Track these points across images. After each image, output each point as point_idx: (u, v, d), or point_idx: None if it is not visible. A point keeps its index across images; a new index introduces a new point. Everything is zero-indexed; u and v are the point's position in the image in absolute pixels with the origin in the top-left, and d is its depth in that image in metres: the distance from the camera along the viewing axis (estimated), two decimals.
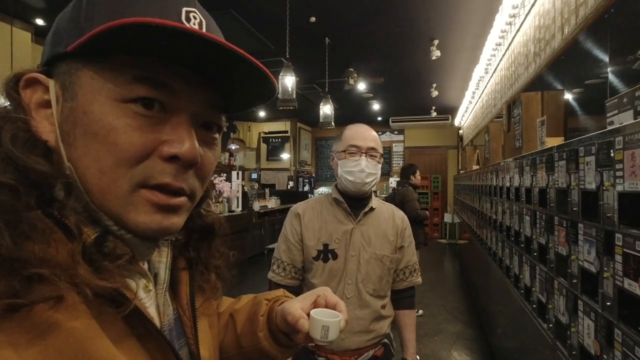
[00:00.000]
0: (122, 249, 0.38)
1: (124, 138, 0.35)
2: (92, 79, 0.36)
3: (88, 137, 0.35)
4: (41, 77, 0.38)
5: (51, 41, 0.39)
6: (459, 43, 4.24)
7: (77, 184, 0.36)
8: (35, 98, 0.38)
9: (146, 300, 0.41)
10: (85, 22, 0.36)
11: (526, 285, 1.91)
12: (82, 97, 0.36)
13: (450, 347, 3.22)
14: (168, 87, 0.37)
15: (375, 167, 1.24)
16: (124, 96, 0.35)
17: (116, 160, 0.35)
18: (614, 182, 1.00)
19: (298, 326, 0.51)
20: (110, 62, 0.35)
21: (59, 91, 0.38)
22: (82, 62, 0.36)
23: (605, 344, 1.05)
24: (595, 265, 1.11)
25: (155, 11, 0.36)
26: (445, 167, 9.08)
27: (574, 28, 1.84)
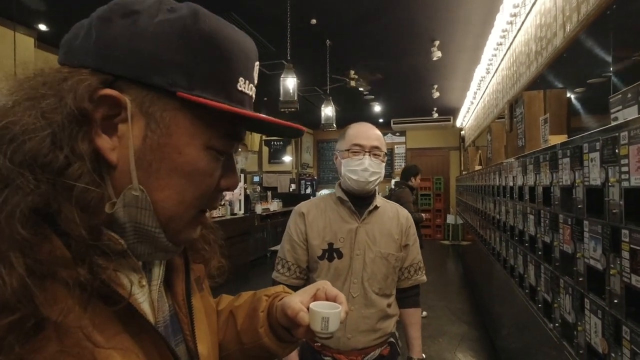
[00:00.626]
0: (115, 242, 0.38)
1: (207, 180, 0.42)
2: (191, 125, 0.40)
3: (177, 173, 0.40)
4: (120, 97, 0.37)
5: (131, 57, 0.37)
6: (460, 43, 4.24)
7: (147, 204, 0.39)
8: (102, 112, 0.37)
9: (139, 295, 0.42)
10: (193, 66, 0.38)
11: (531, 284, 1.90)
12: (178, 137, 0.39)
13: (454, 348, 3.20)
14: (241, 140, 0.46)
15: (379, 166, 1.23)
16: (213, 146, 0.41)
17: (197, 196, 0.42)
18: (620, 178, 0.99)
19: (298, 319, 0.51)
20: (208, 114, 0.40)
21: (137, 115, 0.38)
22: (182, 105, 0.39)
23: (613, 342, 1.04)
24: (602, 262, 1.10)
25: (244, 69, 0.43)
26: (448, 168, 9.06)
27: (575, 26, 1.83)
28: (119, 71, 0.37)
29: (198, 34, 0.38)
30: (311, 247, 1.23)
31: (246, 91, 0.43)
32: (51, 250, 0.33)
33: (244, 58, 0.43)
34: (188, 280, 0.49)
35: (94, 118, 0.37)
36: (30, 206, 0.32)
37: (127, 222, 0.38)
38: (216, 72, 0.40)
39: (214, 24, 0.40)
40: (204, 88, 0.39)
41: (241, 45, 0.43)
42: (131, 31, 0.37)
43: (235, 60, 0.41)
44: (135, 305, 0.37)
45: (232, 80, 0.41)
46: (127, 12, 0.38)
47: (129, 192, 0.38)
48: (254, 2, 3.40)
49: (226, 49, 0.40)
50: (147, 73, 0.37)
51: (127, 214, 0.38)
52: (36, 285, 0.31)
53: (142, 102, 0.38)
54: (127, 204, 0.38)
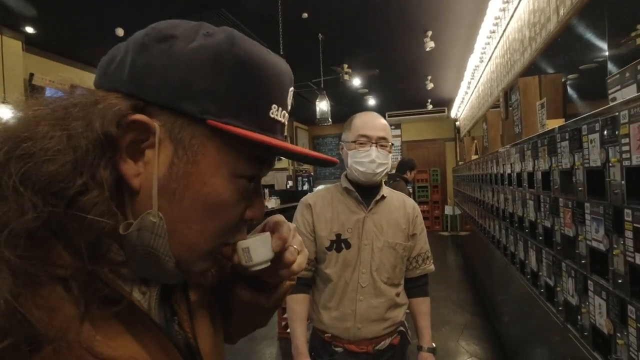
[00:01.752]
0: (115, 251, 0.37)
1: (231, 211, 0.40)
2: (218, 152, 0.38)
3: (200, 204, 0.38)
4: (150, 123, 0.36)
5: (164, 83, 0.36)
6: (452, 33, 4.22)
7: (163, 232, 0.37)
8: (131, 138, 0.36)
9: (142, 301, 0.41)
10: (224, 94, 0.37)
11: (532, 270, 1.90)
12: (205, 166, 0.38)
13: (458, 337, 3.22)
14: (271, 165, 0.43)
15: (386, 157, 1.22)
16: (241, 173, 0.40)
17: (218, 228, 0.40)
18: (621, 158, 0.99)
19: (233, 261, 0.45)
20: (237, 142, 0.38)
21: (166, 141, 0.37)
22: (211, 133, 0.37)
23: (618, 322, 1.04)
24: (605, 243, 1.10)
25: (278, 96, 0.41)
26: (444, 160, 9.07)
27: (569, 9, 1.82)
28: (151, 97, 0.37)
29: (232, 60, 0.37)
30: (319, 238, 1.23)
31: (279, 118, 0.41)
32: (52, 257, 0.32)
33: (278, 84, 0.41)
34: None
35: (121, 144, 0.36)
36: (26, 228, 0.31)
37: (139, 245, 0.37)
38: (248, 100, 0.38)
39: (249, 49, 0.39)
40: (235, 116, 0.37)
41: (276, 71, 0.41)
42: (166, 57, 0.37)
43: (268, 87, 0.40)
44: (136, 303, 0.37)
45: (264, 108, 0.40)
46: (164, 36, 0.38)
47: (147, 217, 0.36)
48: None
49: (260, 75, 0.39)
50: (178, 99, 0.36)
51: (140, 238, 0.37)
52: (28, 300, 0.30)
53: (171, 129, 0.37)
54: (142, 227, 0.37)
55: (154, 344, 0.38)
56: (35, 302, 0.30)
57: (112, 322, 0.35)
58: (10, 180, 0.31)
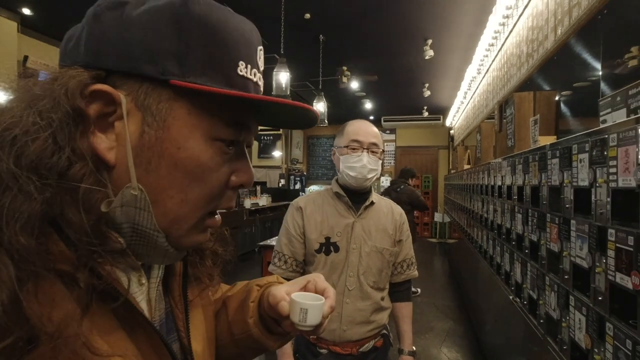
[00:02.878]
0: (114, 239, 0.37)
1: (213, 176, 0.39)
2: (189, 114, 0.37)
3: (178, 170, 0.37)
4: (113, 92, 0.35)
5: (120, 49, 0.36)
6: (452, 43, 4.27)
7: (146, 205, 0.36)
8: (97, 110, 0.36)
9: (138, 294, 0.41)
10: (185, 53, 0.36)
11: (517, 282, 1.94)
12: (176, 130, 0.37)
13: (440, 344, 3.26)
14: (250, 130, 0.42)
15: (377, 163, 1.25)
16: (217, 136, 0.38)
17: (202, 195, 0.39)
18: (608, 179, 1.02)
19: (278, 308, 0.49)
20: (208, 103, 0.37)
21: (133, 110, 0.36)
22: (177, 94, 0.36)
23: (596, 337, 1.07)
24: (588, 260, 1.13)
25: (244, 53, 0.40)
26: (436, 167, 9.16)
27: (567, 29, 1.87)
28: (110, 65, 0.36)
29: (188, 18, 0.36)
30: (308, 240, 1.25)
31: (249, 76, 0.40)
32: (52, 250, 0.32)
33: (244, 42, 0.40)
34: (185, 276, 0.48)
35: (89, 116, 0.35)
36: (36, 212, 0.31)
37: (125, 222, 0.36)
38: (211, 57, 0.37)
39: (205, 7, 0.37)
40: (199, 74, 0.36)
41: (239, 28, 0.39)
42: (119, 23, 0.36)
43: (232, 44, 0.38)
44: (132, 302, 0.37)
45: (230, 65, 0.38)
46: (115, 3, 0.37)
47: (127, 191, 0.36)
48: None
49: (221, 32, 0.38)
50: (138, 63, 0.35)
51: (125, 214, 0.36)
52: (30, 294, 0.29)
53: (137, 96, 0.36)
54: (125, 203, 0.36)
55: (146, 341, 0.39)
56: (36, 296, 0.30)
57: (107, 317, 0.35)
58: (4, 166, 0.31)
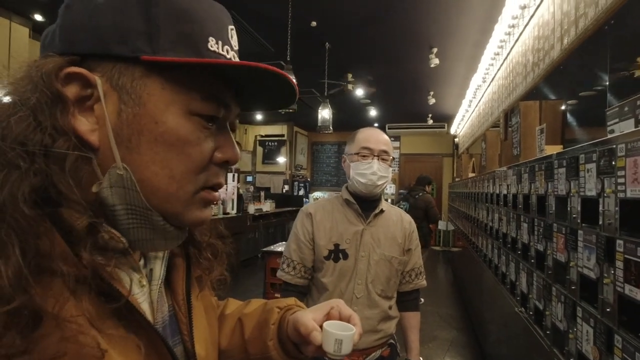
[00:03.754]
0: (117, 239, 0.37)
1: (196, 150, 0.39)
2: (162, 89, 0.38)
3: (159, 145, 0.38)
4: (86, 74, 0.36)
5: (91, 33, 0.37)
6: (457, 51, 4.29)
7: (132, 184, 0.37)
8: (74, 93, 0.36)
9: (139, 295, 0.41)
10: (154, 31, 0.37)
11: (522, 292, 1.92)
12: (152, 106, 0.37)
13: (444, 353, 3.22)
14: (227, 105, 0.42)
15: (387, 170, 1.26)
16: (195, 110, 0.39)
17: (187, 169, 0.39)
18: (616, 189, 1.01)
19: (311, 338, 0.50)
20: (182, 77, 0.38)
21: (109, 91, 0.37)
22: (149, 70, 0.37)
23: (605, 350, 1.05)
24: (595, 271, 1.12)
25: (214, 30, 0.40)
26: (441, 175, 9.13)
27: (573, 39, 1.87)
28: (83, 49, 0.37)
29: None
30: (317, 247, 1.25)
31: (221, 52, 0.40)
32: (51, 244, 0.32)
33: (213, 19, 0.41)
34: (189, 279, 0.49)
35: (67, 99, 0.36)
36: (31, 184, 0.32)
37: (118, 204, 0.37)
38: (180, 34, 0.38)
39: None
40: (168, 50, 0.37)
41: (206, 8, 0.40)
42: (88, 9, 0.37)
43: (200, 21, 0.39)
44: (134, 304, 0.37)
45: (200, 41, 0.39)
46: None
47: (113, 171, 0.37)
48: (254, 3, 3.40)
49: (188, 10, 0.38)
50: (109, 45, 0.37)
51: (117, 195, 0.37)
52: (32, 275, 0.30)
53: (111, 77, 0.37)
54: (113, 184, 0.37)
55: (148, 344, 0.38)
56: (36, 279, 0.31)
57: (109, 319, 0.35)
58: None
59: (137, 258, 0.43)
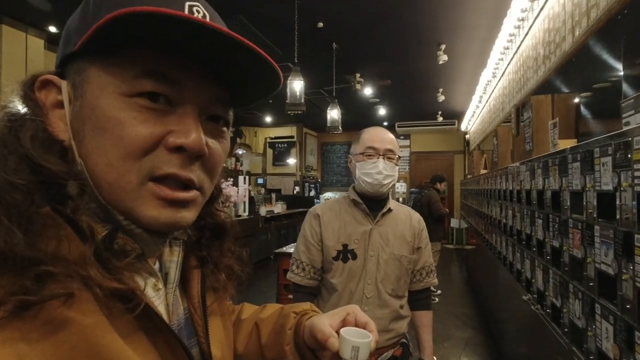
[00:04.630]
0: (131, 245, 0.38)
1: (129, 131, 0.35)
2: (98, 76, 0.36)
3: (96, 132, 0.36)
4: (54, 79, 0.39)
5: (62, 43, 0.41)
6: (466, 47, 4.24)
7: (87, 181, 0.36)
8: (50, 99, 0.39)
9: (155, 298, 0.41)
10: (92, 19, 0.36)
11: (539, 289, 1.89)
12: (89, 93, 0.37)
13: (460, 353, 3.19)
14: (174, 81, 0.37)
15: (393, 169, 1.26)
16: (130, 91, 0.36)
17: (123, 154, 0.36)
18: (633, 183, 0.99)
19: (328, 344, 0.50)
20: (116, 58, 0.36)
21: (70, 91, 0.39)
22: (90, 60, 0.37)
23: (625, 347, 1.03)
24: (614, 267, 1.10)
25: (159, 4, 0.34)
26: (452, 172, 9.03)
27: (585, 30, 1.83)
28: (59, 59, 0.40)
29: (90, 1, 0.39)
30: (326, 248, 1.25)
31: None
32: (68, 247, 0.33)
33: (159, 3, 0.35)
34: (203, 282, 0.49)
35: (43, 103, 0.38)
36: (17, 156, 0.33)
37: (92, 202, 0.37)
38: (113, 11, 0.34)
39: None
40: None
41: None
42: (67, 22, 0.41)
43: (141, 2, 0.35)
44: (151, 306, 0.37)
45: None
46: None
47: (74, 168, 0.37)
48: (261, 5, 3.43)
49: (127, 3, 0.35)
50: (64, 50, 0.39)
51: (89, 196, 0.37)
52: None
53: (72, 78, 0.38)
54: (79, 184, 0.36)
55: (165, 346, 0.39)
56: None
57: (127, 322, 0.36)
58: None
59: (153, 262, 0.43)
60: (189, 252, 0.49)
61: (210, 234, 0.51)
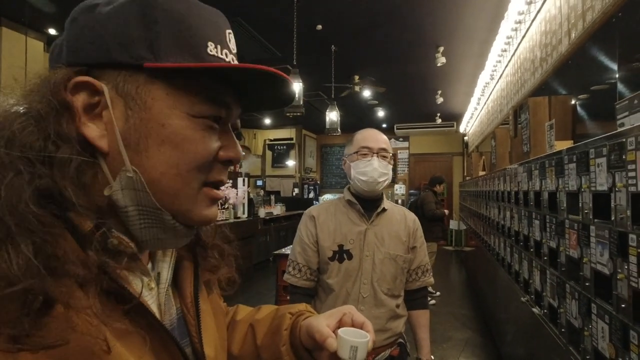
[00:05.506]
0: (126, 244, 0.38)
1: (201, 148, 0.41)
2: (167, 95, 0.39)
3: (165, 146, 0.39)
4: (95, 83, 0.38)
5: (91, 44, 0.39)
6: (464, 49, 4.27)
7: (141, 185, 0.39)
8: (81, 101, 0.38)
9: (148, 298, 0.42)
10: (154, 39, 0.38)
11: (536, 290, 1.90)
12: (157, 110, 0.39)
13: (459, 354, 3.19)
14: (229, 106, 0.44)
15: (387, 167, 1.27)
16: (199, 113, 0.41)
17: (193, 166, 0.41)
18: (627, 183, 1.00)
19: (326, 345, 0.51)
20: (184, 83, 0.40)
21: (116, 98, 0.39)
22: (153, 77, 0.39)
23: (621, 346, 1.04)
24: (609, 267, 1.11)
25: (212, 34, 0.42)
26: (451, 174, 9.04)
27: (581, 33, 1.85)
28: (89, 59, 0.39)
29: (153, 7, 0.39)
30: (322, 248, 1.26)
31: (220, 56, 0.42)
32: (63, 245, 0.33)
33: (210, 25, 0.42)
34: (197, 282, 0.49)
35: (76, 107, 0.37)
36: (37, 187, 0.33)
37: (129, 205, 0.39)
38: (179, 40, 0.39)
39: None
40: (170, 56, 0.39)
41: (203, 13, 0.42)
42: (92, 21, 0.39)
43: (198, 27, 0.41)
44: (145, 305, 0.38)
45: (199, 46, 0.40)
46: (88, 7, 0.40)
47: (123, 174, 0.38)
48: (260, 7, 3.44)
49: (186, 16, 0.40)
50: (113, 54, 0.38)
51: (128, 197, 0.38)
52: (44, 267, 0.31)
53: (117, 84, 0.38)
54: (124, 186, 0.38)
55: (159, 345, 0.39)
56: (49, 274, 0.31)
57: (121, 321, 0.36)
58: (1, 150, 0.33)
59: (146, 262, 0.44)
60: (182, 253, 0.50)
61: None
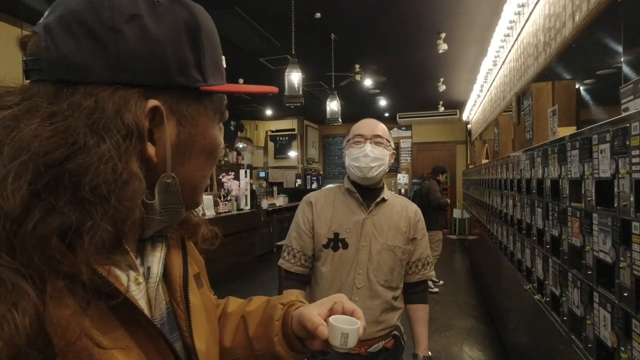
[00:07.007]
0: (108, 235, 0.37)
1: (220, 150, 0.48)
2: (206, 110, 0.45)
3: (204, 155, 0.45)
4: (160, 107, 0.40)
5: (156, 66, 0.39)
6: (466, 35, 4.18)
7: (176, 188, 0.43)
8: (148, 124, 0.40)
9: (136, 292, 0.41)
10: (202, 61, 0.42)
11: (539, 278, 1.88)
12: (202, 125, 0.44)
13: (461, 342, 3.20)
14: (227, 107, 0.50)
15: (382, 153, 1.23)
16: (220, 121, 0.48)
17: (213, 167, 0.48)
18: (631, 170, 0.98)
19: (317, 333, 0.52)
20: (214, 98, 0.46)
21: (169, 116, 0.41)
22: (200, 96, 0.44)
23: (622, 335, 1.03)
24: (611, 255, 1.09)
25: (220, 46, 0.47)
26: (454, 163, 8.99)
27: (585, 15, 1.79)
28: (146, 80, 0.39)
29: (199, 30, 0.42)
30: (317, 235, 1.24)
31: (225, 65, 0.48)
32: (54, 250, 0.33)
33: (219, 39, 0.47)
34: (186, 277, 0.49)
35: (145, 131, 0.39)
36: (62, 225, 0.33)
37: (159, 205, 0.42)
38: (213, 60, 0.44)
39: (205, 18, 0.44)
40: (211, 76, 0.43)
41: (216, 28, 0.46)
42: (145, 39, 0.38)
43: (218, 44, 0.46)
44: (132, 300, 0.37)
45: (220, 62, 0.46)
46: (130, 16, 0.38)
47: (162, 180, 0.42)
48: None
49: (214, 37, 0.45)
50: (172, 76, 0.40)
51: (160, 199, 0.42)
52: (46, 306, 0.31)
53: (170, 104, 0.41)
54: (160, 190, 0.42)
55: (147, 340, 0.39)
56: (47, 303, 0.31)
57: (107, 317, 0.36)
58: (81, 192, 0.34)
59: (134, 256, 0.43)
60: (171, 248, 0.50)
61: None
